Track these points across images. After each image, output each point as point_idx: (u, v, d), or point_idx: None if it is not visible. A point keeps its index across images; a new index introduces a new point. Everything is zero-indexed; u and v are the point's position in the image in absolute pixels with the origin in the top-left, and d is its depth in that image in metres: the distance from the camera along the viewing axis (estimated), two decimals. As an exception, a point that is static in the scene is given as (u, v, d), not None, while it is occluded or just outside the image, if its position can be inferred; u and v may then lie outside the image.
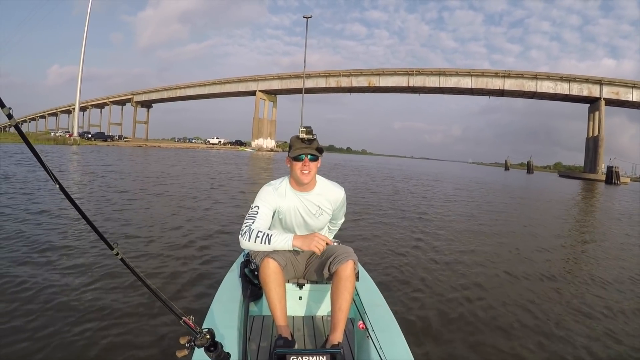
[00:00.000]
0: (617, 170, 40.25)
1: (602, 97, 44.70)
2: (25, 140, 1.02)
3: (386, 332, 1.51)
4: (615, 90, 44.71)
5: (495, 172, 50.81)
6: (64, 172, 12.01)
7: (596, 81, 45.43)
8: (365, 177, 19.33)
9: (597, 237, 7.27)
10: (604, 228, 8.53)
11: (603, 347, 2.52)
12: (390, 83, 53.52)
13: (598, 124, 45.18)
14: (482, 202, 11.54)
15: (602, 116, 44.92)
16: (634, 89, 44.36)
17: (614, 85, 44.92)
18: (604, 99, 44.74)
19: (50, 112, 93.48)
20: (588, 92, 45.66)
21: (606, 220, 10.05)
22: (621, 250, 5.92)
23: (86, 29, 47.31)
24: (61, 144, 37.76)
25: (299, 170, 1.72)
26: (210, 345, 1.20)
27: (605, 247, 6.09)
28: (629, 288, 3.85)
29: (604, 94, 44.71)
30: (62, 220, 4.99)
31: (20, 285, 2.81)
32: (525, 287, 3.69)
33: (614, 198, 19.63)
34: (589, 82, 45.78)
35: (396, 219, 7.09)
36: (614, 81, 45.10)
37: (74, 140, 40.57)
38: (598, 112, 45.12)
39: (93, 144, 40.50)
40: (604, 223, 9.47)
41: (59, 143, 38.16)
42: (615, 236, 7.33)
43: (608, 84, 45.00)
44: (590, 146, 47.03)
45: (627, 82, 44.79)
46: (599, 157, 44.59)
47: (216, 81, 66.92)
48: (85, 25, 47.04)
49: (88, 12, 46.95)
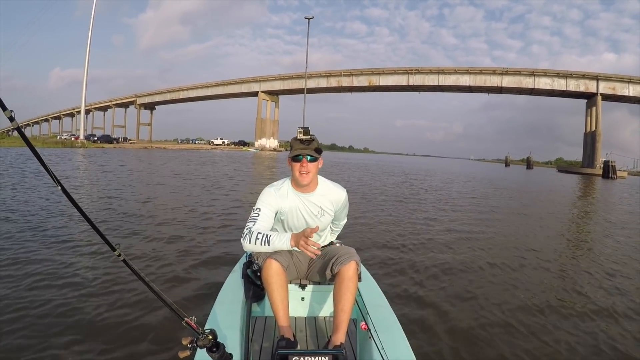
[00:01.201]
0: (613, 164, 40.06)
1: (598, 93, 44.42)
2: (28, 143, 1.00)
3: (389, 333, 1.49)
4: (611, 86, 44.39)
5: (495, 168, 50.64)
6: (89, 172, 12.07)
7: (593, 77, 45.10)
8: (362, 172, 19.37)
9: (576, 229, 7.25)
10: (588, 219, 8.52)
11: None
12: (390, 82, 53.34)
13: (595, 119, 44.90)
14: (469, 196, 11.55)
15: (599, 111, 44.62)
16: (630, 84, 44.04)
17: (610, 80, 44.59)
18: (600, 95, 44.45)
19: (54, 116, 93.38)
20: (585, 87, 45.36)
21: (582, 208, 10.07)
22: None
23: (90, 32, 47.27)
24: (69, 146, 37.91)
25: (297, 171, 1.69)
26: (212, 346, 1.18)
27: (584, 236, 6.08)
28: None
29: (600, 90, 44.43)
30: (64, 220, 4.98)
31: (20, 286, 2.80)
32: (526, 279, 3.67)
33: (605, 190, 19.81)
34: (585, 77, 45.46)
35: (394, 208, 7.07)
36: (611, 76, 44.74)
37: (81, 143, 40.72)
38: (595, 108, 44.82)
39: (100, 147, 40.61)
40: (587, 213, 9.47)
41: (67, 146, 38.31)
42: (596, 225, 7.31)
43: (604, 79, 44.67)
44: (588, 141, 46.74)
45: (624, 77, 44.44)
46: (597, 151, 44.35)
47: (219, 82, 66.85)
48: (89, 27, 47.02)
49: (92, 16, 47.04)
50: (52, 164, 15.89)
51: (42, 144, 39.16)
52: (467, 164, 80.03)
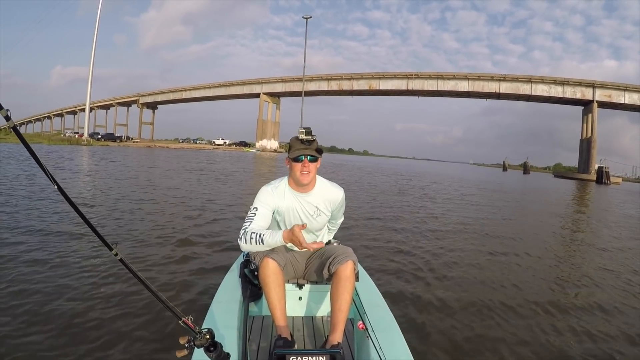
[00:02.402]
0: (607, 170, 40.26)
1: (594, 100, 44.40)
2: (23, 141, 0.98)
3: (386, 332, 1.47)
4: (607, 93, 44.41)
5: (492, 173, 50.69)
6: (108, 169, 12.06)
7: (589, 84, 45.13)
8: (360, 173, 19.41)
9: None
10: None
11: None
12: (390, 86, 53.39)
13: (591, 126, 44.91)
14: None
15: (594, 118, 44.64)
16: (626, 91, 44.06)
17: (606, 88, 44.60)
18: (596, 102, 44.44)
19: (56, 113, 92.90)
20: (581, 94, 45.40)
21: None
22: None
23: (96, 31, 47.45)
24: (75, 144, 37.94)
25: (298, 172, 1.67)
26: (209, 346, 1.17)
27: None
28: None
29: (596, 97, 44.42)
30: (65, 221, 4.92)
31: (20, 285, 2.75)
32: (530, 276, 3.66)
33: (595, 194, 20.07)
34: (582, 85, 45.48)
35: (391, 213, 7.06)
36: (607, 84, 44.76)
37: (87, 140, 40.74)
38: (591, 115, 44.83)
39: (105, 145, 40.63)
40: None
41: (72, 143, 38.37)
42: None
43: (601, 87, 44.69)
44: (584, 147, 46.76)
45: (620, 85, 44.48)
46: (592, 158, 44.34)
47: (221, 84, 66.88)
48: (95, 28, 47.18)
49: (98, 16, 47.13)
50: (65, 159, 16.47)
51: (48, 141, 39.23)
52: (466, 168, 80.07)
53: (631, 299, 3.40)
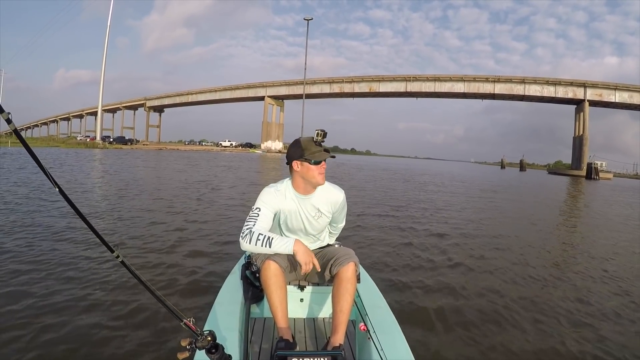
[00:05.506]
0: (596, 166, 40.24)
1: (586, 99, 44.11)
2: (24, 144, 0.93)
3: (388, 334, 1.41)
4: (598, 92, 44.04)
5: (490, 170, 50.41)
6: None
7: (580, 84, 44.80)
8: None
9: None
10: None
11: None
12: (389, 88, 53.21)
13: (583, 123, 44.61)
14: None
15: (586, 117, 44.34)
16: (616, 90, 43.66)
17: (597, 87, 44.22)
18: (588, 101, 44.12)
19: (63, 117, 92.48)
20: (573, 94, 45.09)
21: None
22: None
23: (107, 35, 47.31)
24: (91, 147, 38.19)
25: (317, 174, 1.59)
26: (211, 347, 1.12)
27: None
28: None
29: (587, 96, 44.10)
30: (66, 221, 4.83)
31: (19, 287, 2.69)
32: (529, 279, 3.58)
33: (578, 189, 19.81)
34: (573, 85, 45.15)
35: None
36: (597, 84, 44.37)
37: (102, 144, 40.96)
38: (583, 113, 44.52)
39: (118, 148, 40.82)
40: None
41: (89, 147, 38.63)
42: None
43: (591, 86, 44.32)
44: (576, 144, 46.36)
45: (610, 85, 44.06)
46: (584, 154, 44.03)
47: (226, 87, 66.80)
48: (106, 34, 47.18)
49: (108, 23, 47.27)
50: (105, 164, 17.01)
51: (64, 144, 39.49)
52: (467, 166, 79.64)
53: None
